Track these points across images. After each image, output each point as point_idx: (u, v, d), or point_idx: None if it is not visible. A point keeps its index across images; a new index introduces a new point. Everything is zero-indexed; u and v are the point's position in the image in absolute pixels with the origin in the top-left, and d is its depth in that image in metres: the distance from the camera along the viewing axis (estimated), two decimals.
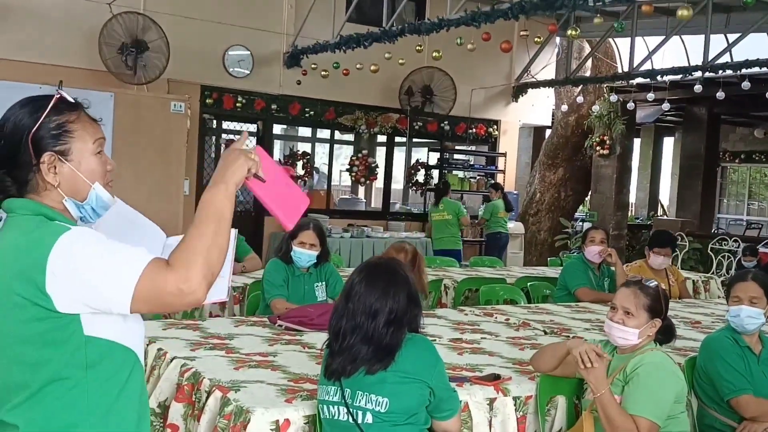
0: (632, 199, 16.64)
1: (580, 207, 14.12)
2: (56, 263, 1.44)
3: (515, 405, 2.77)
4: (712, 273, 9.28)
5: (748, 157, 16.97)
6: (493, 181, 11.51)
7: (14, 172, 1.54)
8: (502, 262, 8.23)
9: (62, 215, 1.56)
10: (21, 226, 1.51)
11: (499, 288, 5.60)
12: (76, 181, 1.57)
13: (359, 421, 2.26)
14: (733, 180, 18.19)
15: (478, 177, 12.23)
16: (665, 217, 15.29)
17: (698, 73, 9.86)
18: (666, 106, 10.57)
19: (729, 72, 9.70)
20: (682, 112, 14.00)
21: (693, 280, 6.69)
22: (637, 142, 15.93)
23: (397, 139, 11.77)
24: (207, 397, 2.56)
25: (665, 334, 2.83)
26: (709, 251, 10.68)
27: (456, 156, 12.08)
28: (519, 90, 12.23)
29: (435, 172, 11.96)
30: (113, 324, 1.52)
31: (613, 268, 5.35)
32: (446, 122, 11.63)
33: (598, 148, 12.05)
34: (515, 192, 12.50)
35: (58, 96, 1.57)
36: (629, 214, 14.30)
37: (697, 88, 9.33)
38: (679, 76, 10.22)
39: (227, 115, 10.30)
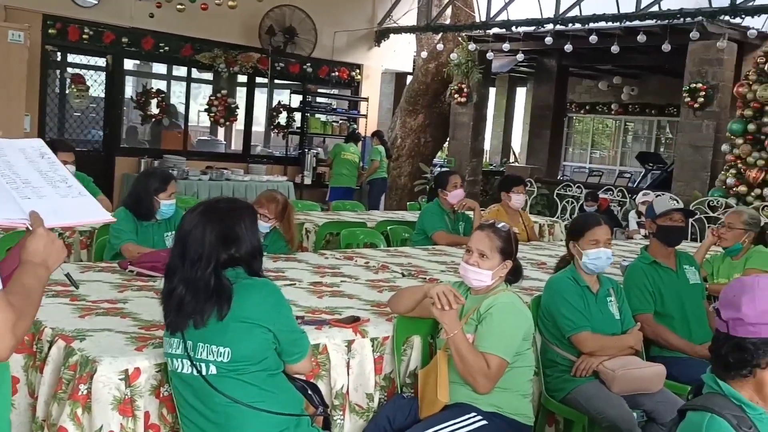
0: (487, 146, 17.24)
1: (439, 153, 14.47)
2: None
3: (373, 346, 2.83)
4: (557, 217, 9.84)
5: (592, 108, 17.95)
6: (354, 126, 11.57)
7: None
8: (364, 206, 8.33)
9: None
10: None
11: (360, 232, 5.67)
12: None
13: (204, 373, 2.18)
14: (578, 130, 19.21)
15: (340, 121, 12.21)
16: (517, 164, 16.00)
17: (549, 26, 10.26)
18: (520, 56, 10.94)
19: (578, 26, 10.16)
20: (534, 63, 14.56)
21: (539, 224, 7.05)
22: (492, 91, 16.42)
23: (259, 79, 11.49)
24: (49, 348, 2.43)
25: (514, 275, 2.96)
26: (555, 197, 11.28)
27: (319, 99, 11.98)
28: (381, 35, 12.23)
29: (297, 115, 11.81)
30: None
31: (469, 213, 5.54)
32: (309, 64, 11.47)
33: (456, 95, 12.33)
34: None
35: None
36: (484, 160, 14.82)
37: (548, 40, 9.72)
38: (532, 28, 10.59)
39: (73, 47, 9.64)
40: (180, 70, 11.20)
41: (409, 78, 14.00)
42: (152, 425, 2.37)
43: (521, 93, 19.32)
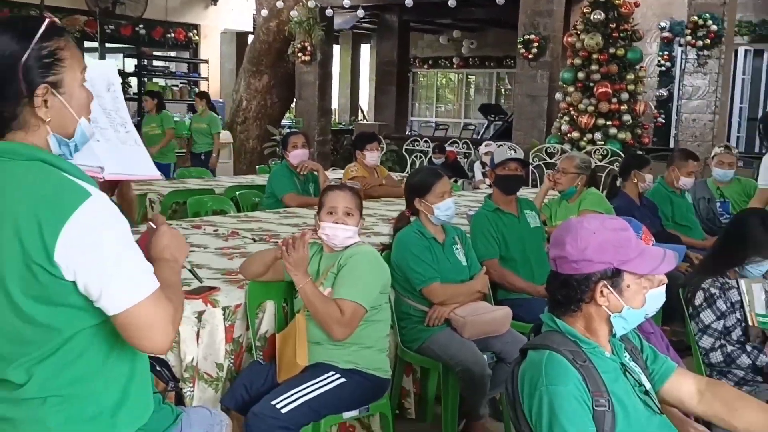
0: (335, 105, 17.23)
1: (287, 114, 14.29)
2: (72, 233, 1.33)
3: (224, 314, 2.77)
4: (407, 173, 10.03)
5: (435, 63, 18.34)
6: (198, 90, 11.12)
7: (1, 106, 1.35)
8: (211, 173, 8.08)
9: (61, 159, 1.40)
10: (20, 176, 1.35)
11: (208, 199, 5.51)
12: (64, 116, 1.42)
13: None
14: (423, 85, 19.59)
15: (180, 85, 11.74)
16: (365, 122, 16.10)
17: None
18: (360, 12, 10.92)
19: None
20: (376, 19, 14.62)
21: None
22: (336, 49, 16.36)
23: (87, 44, 10.79)
24: None
25: None
26: (404, 152, 11.49)
27: (155, 63, 11.45)
28: None
29: (133, 80, 11.23)
30: None
31: (316, 173, 5.51)
32: (141, 26, 10.89)
33: (300, 54, 12.16)
34: (221, 100, 12.24)
35: (49, 20, 1.38)
36: (332, 119, 14.81)
37: None
38: None
39: None
40: None
41: (251, 38, 13.65)
42: None
43: (366, 50, 19.39)
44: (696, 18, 9.20)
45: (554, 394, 1.63)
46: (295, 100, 13.12)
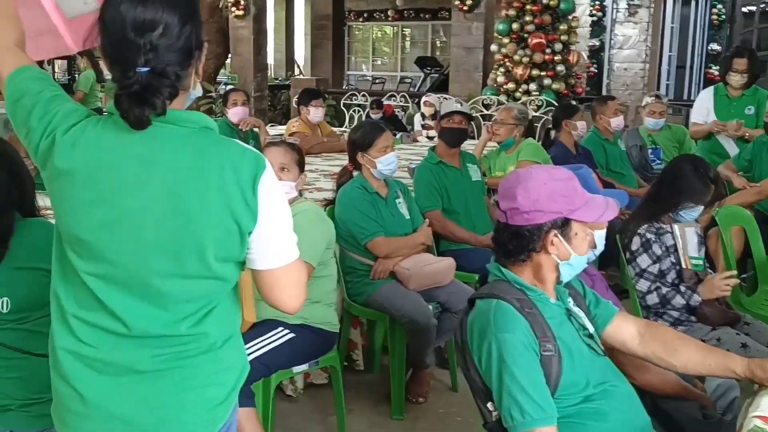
0: (270, 60, 16.91)
1: (222, 70, 13.97)
2: (263, 193, 1.41)
3: None
4: (346, 127, 9.97)
5: (370, 16, 18.14)
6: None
7: (177, 66, 1.37)
8: None
9: (215, 125, 1.47)
10: (208, 145, 1.40)
11: None
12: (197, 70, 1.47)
13: None
14: (359, 38, 19.39)
15: None
16: (302, 77, 15.88)
17: None
18: None
19: None
20: None
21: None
22: (270, 2, 15.98)
23: None
24: None
25: None
26: (342, 107, 11.40)
27: None
28: None
29: None
30: None
31: (256, 130, 5.44)
32: None
33: (233, 8, 11.86)
34: None
35: None
36: (269, 75, 14.54)
37: None
38: None
39: None
40: None
41: None
42: None
43: (300, 4, 19.00)
44: None
45: (503, 341, 1.68)
46: (230, 55, 12.81)
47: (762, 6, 10.45)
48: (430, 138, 7.61)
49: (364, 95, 11.39)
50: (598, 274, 2.66)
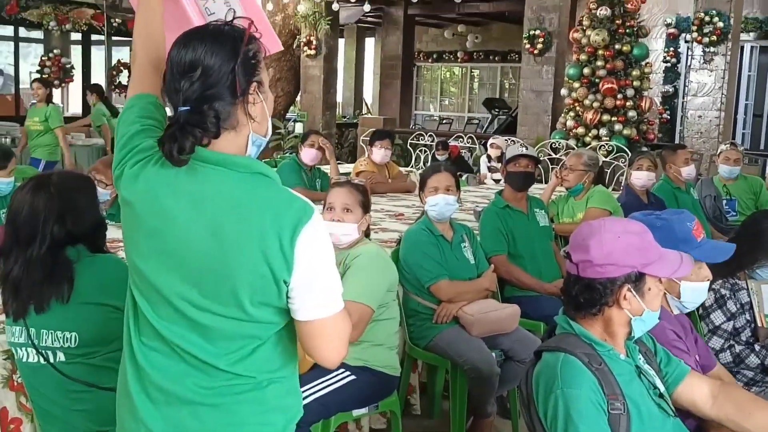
0: (339, 98, 17.21)
1: (291, 107, 14.29)
2: (304, 245, 1.41)
3: None
4: (412, 167, 10.02)
5: (439, 57, 18.30)
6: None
7: (217, 106, 1.41)
8: None
9: (275, 174, 1.49)
10: (253, 190, 1.43)
11: None
12: (264, 114, 1.50)
13: (51, 361, 2.02)
14: (427, 79, 19.56)
15: None
16: (370, 116, 16.09)
17: None
18: (366, 7, 10.90)
19: None
20: (381, 13, 14.59)
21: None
22: (341, 42, 16.34)
23: (95, 37, 10.78)
24: None
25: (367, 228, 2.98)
26: (408, 146, 11.47)
27: None
28: None
29: None
30: None
31: (324, 169, 5.53)
32: None
33: (305, 48, 12.16)
34: None
35: (252, 25, 1.47)
36: (337, 113, 14.80)
37: None
38: None
39: None
40: (6, 29, 10.29)
41: None
42: (14, 420, 2.20)
43: (370, 44, 19.35)
44: (702, 14, 9.17)
45: (569, 397, 1.64)
46: (300, 93, 13.10)
47: None
48: (496, 181, 7.58)
49: (431, 135, 11.45)
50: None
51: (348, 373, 2.67)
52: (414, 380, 3.61)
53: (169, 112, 1.55)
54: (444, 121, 17.58)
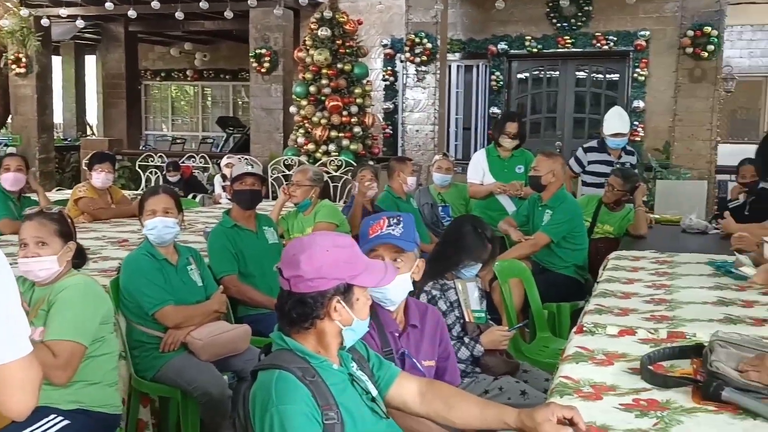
0: (59, 119, 15.96)
1: (2, 130, 12.97)
2: None
3: None
4: (141, 190, 9.58)
5: (168, 75, 17.73)
6: None
7: None
8: None
9: None
10: None
11: None
12: None
13: None
14: (157, 97, 18.86)
15: None
16: (94, 137, 15.11)
17: None
18: (80, 23, 10.26)
19: None
20: (100, 29, 13.81)
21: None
22: (57, 60, 15.18)
23: None
24: None
25: (79, 257, 2.78)
26: (138, 168, 10.96)
27: None
28: None
29: None
30: None
31: (33, 197, 5.08)
32: None
33: (13, 66, 11.12)
34: None
35: None
36: (56, 135, 13.71)
37: (109, 5, 9.21)
38: None
39: None
40: None
41: None
42: None
43: (91, 61, 18.18)
44: (413, 36, 9.92)
45: (284, 413, 1.64)
46: (11, 115, 11.94)
47: (535, 73, 11.53)
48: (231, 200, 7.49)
49: (161, 156, 11.04)
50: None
51: (60, 418, 2.45)
52: (145, 415, 3.42)
53: None
54: (177, 141, 17.07)
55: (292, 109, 9.84)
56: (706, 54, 9.09)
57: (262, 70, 10.25)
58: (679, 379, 2.03)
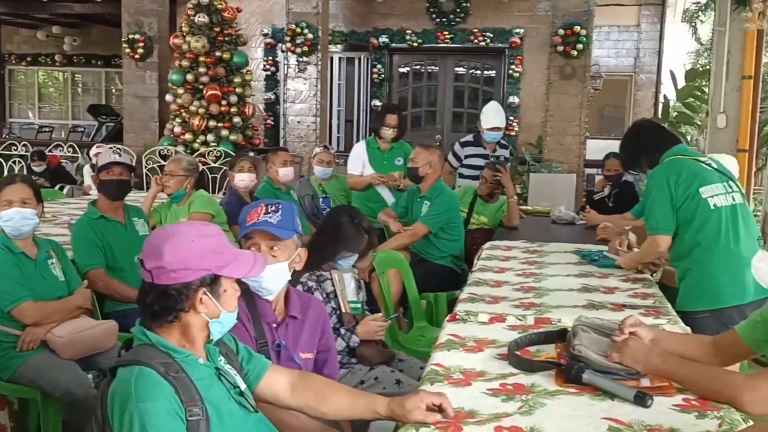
0: None
1: None
2: None
3: None
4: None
5: (34, 60, 16.73)
6: None
7: None
8: None
9: None
10: None
11: None
12: None
13: None
14: (23, 83, 17.76)
15: None
16: None
17: None
18: None
19: None
20: None
21: None
22: None
23: None
24: None
25: None
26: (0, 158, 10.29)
27: None
28: None
29: None
30: None
31: None
32: None
33: None
34: None
35: None
36: None
37: None
38: None
39: None
40: None
41: None
42: None
43: None
44: (294, 26, 9.82)
45: (144, 411, 1.56)
46: None
47: (416, 67, 11.68)
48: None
49: (25, 145, 10.40)
50: None
51: None
52: (3, 418, 3.21)
53: None
54: (44, 130, 16.12)
55: (168, 97, 9.51)
56: (576, 52, 9.51)
57: (136, 56, 9.86)
58: (544, 363, 2.09)
